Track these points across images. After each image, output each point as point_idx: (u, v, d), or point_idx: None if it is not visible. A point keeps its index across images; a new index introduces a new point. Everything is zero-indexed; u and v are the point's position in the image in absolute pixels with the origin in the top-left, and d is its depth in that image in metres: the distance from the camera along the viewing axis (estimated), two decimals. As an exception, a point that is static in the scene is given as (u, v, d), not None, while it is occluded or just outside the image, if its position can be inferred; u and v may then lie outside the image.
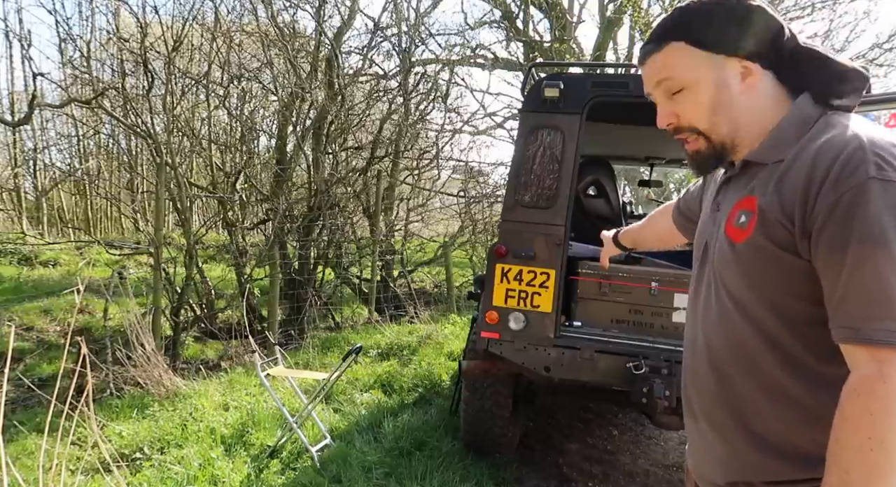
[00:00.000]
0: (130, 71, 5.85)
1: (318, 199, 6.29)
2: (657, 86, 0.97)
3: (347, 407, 3.95)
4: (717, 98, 0.92)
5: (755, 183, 0.92)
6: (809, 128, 0.89)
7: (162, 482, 2.83)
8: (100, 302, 5.89)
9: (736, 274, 0.92)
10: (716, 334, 0.97)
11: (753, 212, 0.89)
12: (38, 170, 11.46)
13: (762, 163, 0.92)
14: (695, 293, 1.05)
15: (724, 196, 1.01)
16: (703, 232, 1.06)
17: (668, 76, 0.95)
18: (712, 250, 0.99)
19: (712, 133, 0.94)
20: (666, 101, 0.97)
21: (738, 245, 0.90)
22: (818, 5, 8.86)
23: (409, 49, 7.27)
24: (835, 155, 0.80)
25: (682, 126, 0.97)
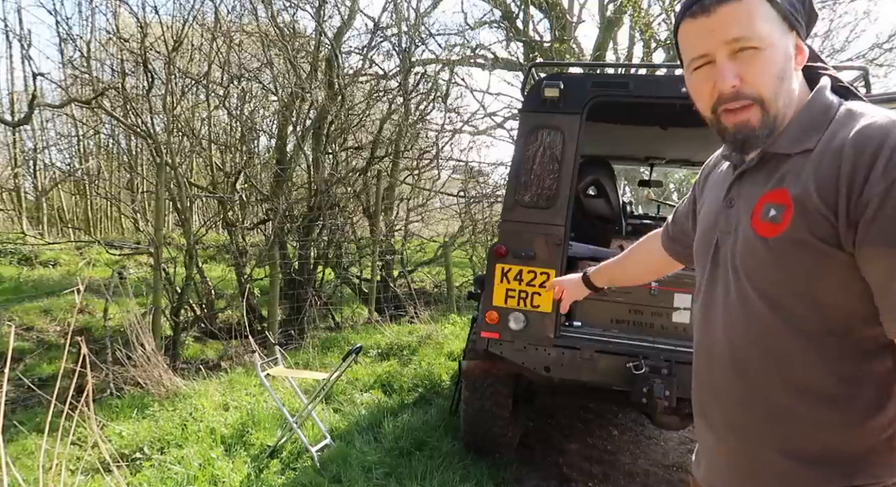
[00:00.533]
0: (130, 71, 5.85)
1: (318, 199, 6.29)
2: (725, 42, 0.84)
3: (347, 407, 3.95)
4: (785, 67, 0.86)
5: (783, 174, 0.86)
6: (833, 116, 0.86)
7: (162, 482, 2.82)
8: (100, 302, 5.89)
9: (770, 272, 0.85)
10: (742, 338, 0.90)
11: (786, 204, 0.83)
12: (38, 170, 11.47)
13: (785, 155, 0.87)
14: (707, 298, 0.98)
15: (740, 191, 0.94)
16: (710, 232, 1.00)
17: (745, 30, 0.83)
18: (728, 249, 0.93)
19: (772, 105, 0.86)
20: (728, 60, 0.85)
21: (770, 240, 0.84)
22: (818, 5, 8.84)
23: (409, 49, 7.27)
24: (880, 141, 0.76)
25: (744, 91, 0.85)
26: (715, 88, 0.87)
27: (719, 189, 1.01)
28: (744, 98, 0.85)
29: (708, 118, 0.93)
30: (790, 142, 0.87)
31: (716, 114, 0.90)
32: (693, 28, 0.88)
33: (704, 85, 0.89)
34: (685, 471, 3.41)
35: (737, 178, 0.95)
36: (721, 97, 0.87)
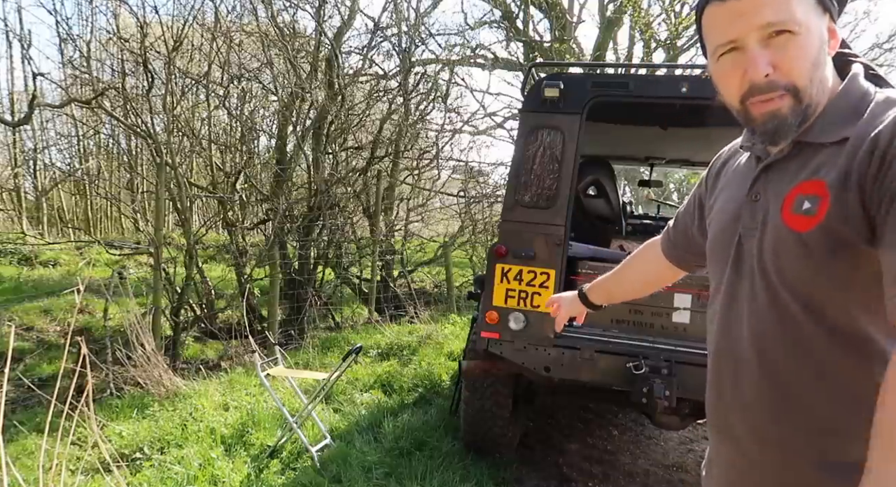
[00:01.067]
0: (130, 71, 5.85)
1: (318, 199, 6.29)
2: (758, 27, 0.78)
3: (347, 407, 3.95)
4: (820, 53, 0.80)
5: (818, 165, 0.80)
6: (869, 103, 0.80)
7: (162, 482, 2.82)
8: (100, 302, 5.89)
9: (804, 270, 0.79)
10: (774, 344, 0.84)
11: (822, 195, 0.77)
12: (38, 170, 11.47)
13: (819, 144, 0.82)
14: (728, 300, 0.91)
15: (767, 184, 0.88)
16: (730, 229, 0.93)
17: (781, 13, 0.77)
18: (754, 246, 0.86)
19: (806, 93, 0.80)
20: (760, 47, 0.79)
21: (804, 234, 0.78)
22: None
23: (409, 49, 7.27)
24: None
25: (777, 81, 0.79)
26: (745, 77, 0.81)
27: (740, 182, 0.95)
28: (777, 88, 0.79)
29: (735, 108, 0.87)
30: (825, 131, 0.82)
31: (744, 105, 0.84)
32: (721, 12, 0.81)
33: (733, 74, 0.82)
34: (685, 471, 3.41)
35: (763, 170, 0.89)
36: (753, 87, 0.81)
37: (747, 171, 0.94)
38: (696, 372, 2.44)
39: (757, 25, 0.78)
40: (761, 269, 0.85)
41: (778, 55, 0.78)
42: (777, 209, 0.83)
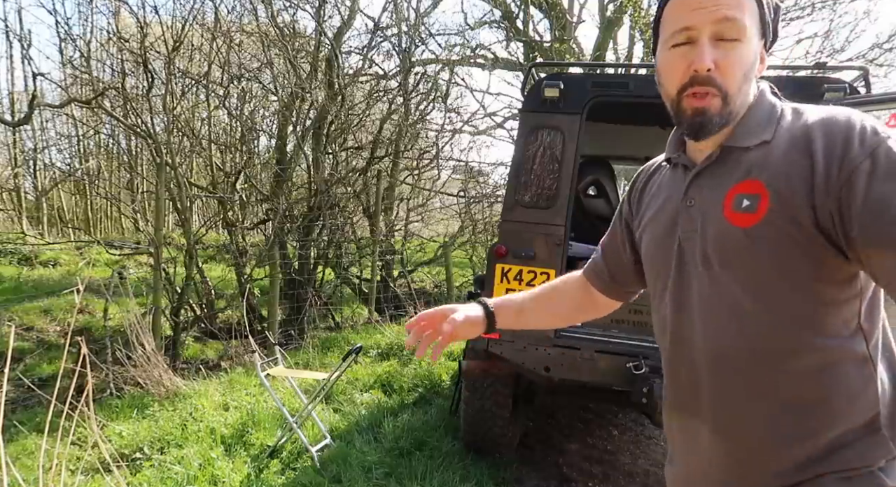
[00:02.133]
0: (130, 71, 5.85)
1: (318, 199, 6.30)
2: (714, 20, 0.84)
3: (347, 407, 3.95)
4: (752, 68, 0.88)
5: (748, 167, 0.87)
6: (780, 112, 0.90)
7: (162, 482, 2.83)
8: (100, 302, 5.89)
9: (752, 260, 0.84)
10: (726, 333, 0.88)
11: (760, 193, 0.83)
12: (38, 170, 11.47)
13: (744, 148, 0.88)
14: (676, 304, 0.95)
15: (700, 188, 0.92)
16: (668, 237, 0.97)
17: (735, 13, 0.84)
18: (696, 248, 0.91)
19: (733, 100, 0.87)
20: (709, 45, 0.85)
21: (748, 229, 0.84)
22: (818, 5, 8.86)
23: (409, 49, 7.27)
24: (848, 119, 0.80)
25: (715, 79, 0.85)
26: (689, 69, 0.86)
27: (671, 192, 0.99)
28: (712, 85, 0.86)
29: (670, 99, 0.92)
30: (746, 136, 0.89)
31: (679, 96, 0.89)
32: (686, 2, 0.87)
33: (679, 63, 0.88)
34: None
35: (695, 177, 0.94)
36: (694, 78, 0.86)
37: (676, 181, 0.99)
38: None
39: (714, 18, 0.84)
40: (706, 267, 0.89)
41: (721, 56, 0.85)
42: (718, 209, 0.88)
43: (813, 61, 8.09)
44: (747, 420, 0.88)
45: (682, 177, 0.97)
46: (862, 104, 2.29)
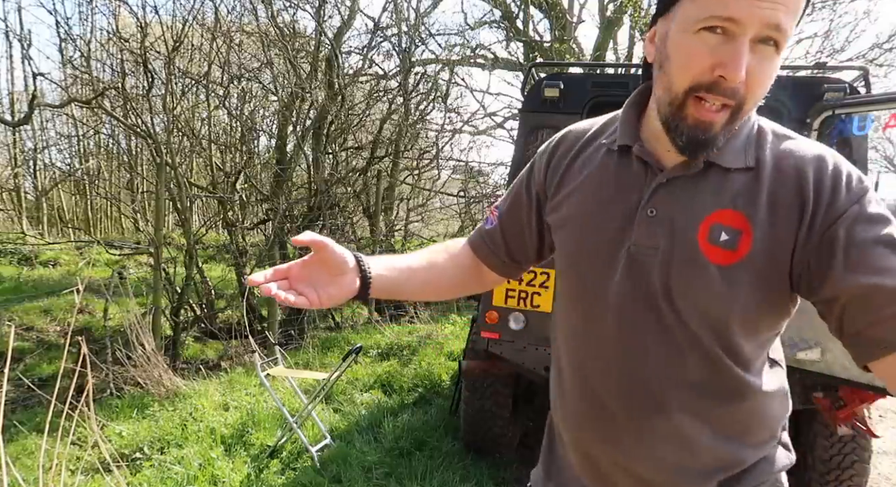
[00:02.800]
0: (130, 71, 5.85)
1: (318, 199, 6.30)
2: (765, 23, 0.67)
3: (347, 407, 3.95)
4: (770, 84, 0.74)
5: (732, 193, 0.77)
6: (753, 128, 0.80)
7: (162, 482, 2.83)
8: (100, 302, 5.89)
9: (720, 302, 0.76)
10: (662, 364, 0.80)
11: (743, 229, 0.75)
12: (38, 170, 11.47)
13: (726, 169, 0.78)
14: (618, 318, 0.82)
15: (670, 200, 0.80)
16: (610, 238, 0.83)
17: (786, 22, 0.68)
18: (654, 269, 0.79)
19: (741, 117, 0.74)
20: (749, 49, 0.69)
21: (724, 268, 0.75)
22: (818, 5, 8.86)
23: (409, 49, 7.28)
24: (835, 168, 0.74)
25: (738, 90, 0.70)
26: (714, 69, 0.70)
27: (619, 187, 0.84)
28: (732, 98, 0.71)
29: (673, 93, 0.74)
30: (733, 155, 0.78)
31: (686, 96, 0.73)
32: None
33: (705, 56, 0.70)
34: None
35: (664, 185, 0.80)
36: (717, 84, 0.70)
37: (628, 176, 0.84)
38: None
39: (767, 20, 0.67)
40: (665, 295, 0.78)
41: (756, 65, 0.69)
42: (692, 234, 0.77)
43: (813, 61, 8.10)
44: (668, 454, 0.83)
45: (639, 175, 0.83)
46: (862, 104, 2.29)
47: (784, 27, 0.68)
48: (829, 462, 2.61)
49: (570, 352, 0.90)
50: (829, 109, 2.35)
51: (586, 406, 0.87)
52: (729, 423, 0.83)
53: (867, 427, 2.42)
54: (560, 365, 0.93)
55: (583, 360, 0.88)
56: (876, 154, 20.77)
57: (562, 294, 0.92)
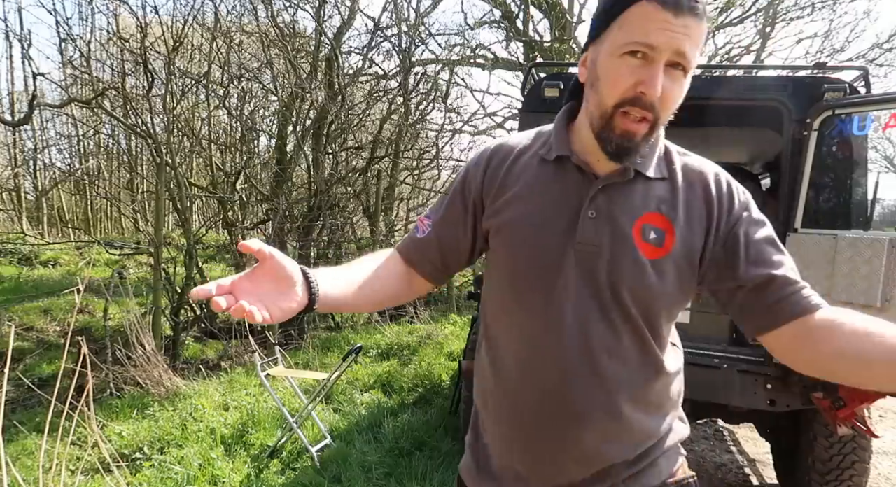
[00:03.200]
0: (130, 71, 5.85)
1: (318, 199, 6.30)
2: (675, 51, 0.82)
3: (347, 407, 3.95)
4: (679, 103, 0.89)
5: (657, 200, 0.92)
6: (663, 148, 0.96)
7: (162, 482, 2.83)
8: (100, 302, 5.89)
9: (651, 292, 0.89)
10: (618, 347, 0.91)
11: (666, 229, 0.90)
12: (38, 170, 11.48)
13: (647, 177, 0.92)
14: (547, 313, 0.92)
15: (609, 203, 0.91)
16: (555, 241, 0.92)
17: (691, 52, 0.83)
18: (601, 266, 0.90)
19: (657, 130, 0.88)
20: (662, 70, 0.83)
21: (655, 262, 0.89)
22: (818, 5, 8.86)
23: (409, 49, 7.27)
24: (728, 179, 0.95)
25: (655, 105, 0.84)
26: (636, 87, 0.83)
27: (559, 193, 0.94)
28: (651, 112, 0.84)
29: (603, 109, 0.86)
30: (652, 166, 0.93)
31: (615, 110, 0.85)
32: (654, 16, 0.81)
33: (629, 76, 0.83)
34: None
35: (601, 190, 0.92)
36: (639, 98, 0.83)
37: (566, 182, 0.94)
38: (696, 372, 2.44)
39: (676, 49, 0.82)
40: (612, 289, 0.90)
41: (668, 85, 0.83)
42: (628, 231, 0.90)
43: (813, 61, 8.10)
44: (605, 429, 0.93)
45: (577, 181, 0.93)
46: (862, 104, 2.29)
47: (689, 56, 0.83)
48: (829, 462, 2.61)
49: (515, 343, 0.97)
50: (829, 109, 2.35)
51: (532, 393, 0.95)
52: (649, 399, 0.96)
53: (867, 428, 2.42)
54: (497, 358, 1.00)
55: (531, 349, 0.95)
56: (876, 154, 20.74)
57: (502, 292, 0.99)
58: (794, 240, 2.40)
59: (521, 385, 0.96)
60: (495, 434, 1.02)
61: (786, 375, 2.44)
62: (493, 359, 1.01)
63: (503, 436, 1.00)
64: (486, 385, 1.03)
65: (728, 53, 10.29)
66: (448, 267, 1.08)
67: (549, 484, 0.97)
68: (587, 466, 0.95)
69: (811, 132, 2.38)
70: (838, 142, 2.40)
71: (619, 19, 0.85)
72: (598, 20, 0.90)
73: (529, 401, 0.95)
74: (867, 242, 2.13)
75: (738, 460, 3.69)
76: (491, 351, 1.02)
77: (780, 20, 9.57)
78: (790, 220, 2.42)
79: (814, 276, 2.31)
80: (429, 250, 1.06)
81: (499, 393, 1.00)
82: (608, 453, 0.94)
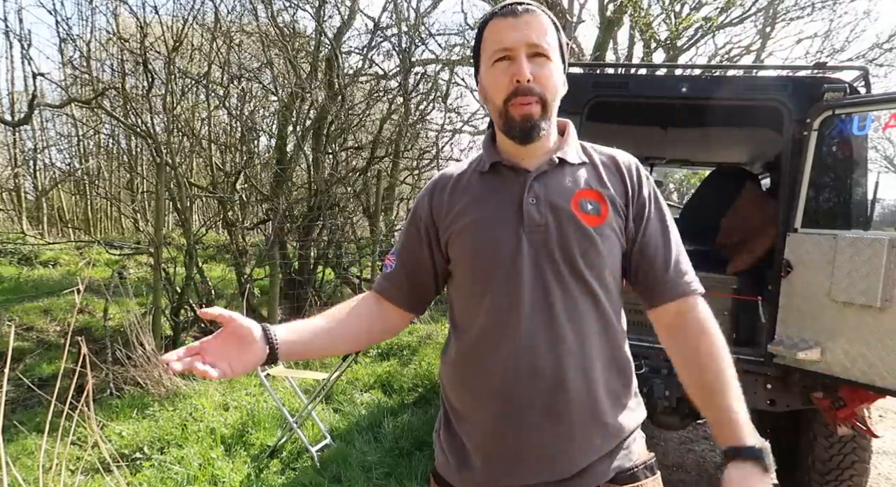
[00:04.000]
0: (130, 71, 5.85)
1: (318, 199, 6.29)
2: (527, 44, 1.00)
3: (347, 407, 3.95)
4: (560, 83, 1.05)
5: (585, 178, 1.07)
6: (578, 143, 1.13)
7: (162, 482, 2.83)
8: (100, 303, 5.89)
9: (597, 255, 1.02)
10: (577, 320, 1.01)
11: (600, 201, 1.05)
12: (38, 170, 11.46)
13: (571, 163, 1.08)
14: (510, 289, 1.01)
15: (544, 189, 1.05)
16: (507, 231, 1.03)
17: (541, 39, 1.01)
18: (551, 240, 1.02)
19: (550, 107, 1.03)
20: (525, 60, 1.00)
21: (595, 228, 1.02)
22: (818, 5, 8.86)
23: (409, 49, 7.27)
24: (636, 162, 1.13)
25: (534, 88, 1.00)
26: (512, 81, 1.00)
27: (499, 193, 1.07)
28: (532, 94, 1.00)
29: (498, 109, 1.04)
30: (573, 154, 1.09)
31: (506, 106, 1.02)
32: (502, 26, 1.02)
33: (503, 77, 1.01)
34: (685, 471, 3.41)
35: (534, 180, 1.05)
36: (517, 89, 1.00)
37: (503, 182, 1.08)
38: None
39: (526, 42, 1.00)
40: (565, 258, 1.02)
41: (537, 70, 1.00)
42: (567, 206, 1.03)
43: (813, 61, 8.10)
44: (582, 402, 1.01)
45: (512, 179, 1.07)
46: (862, 104, 2.29)
47: (540, 43, 1.01)
48: (829, 462, 2.61)
49: (483, 324, 1.05)
50: (829, 109, 2.35)
51: (505, 363, 1.02)
52: (616, 370, 1.07)
53: (867, 428, 2.42)
54: (466, 346, 1.08)
55: (497, 327, 1.03)
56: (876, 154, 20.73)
57: (468, 286, 1.09)
58: (794, 240, 2.40)
59: (492, 359, 1.03)
60: (475, 423, 1.07)
61: (786, 375, 2.44)
62: (463, 349, 1.09)
63: (485, 421, 1.05)
64: (461, 373, 1.10)
65: (728, 53, 10.29)
66: (416, 291, 1.17)
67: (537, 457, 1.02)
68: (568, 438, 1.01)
69: (811, 132, 2.38)
70: (838, 142, 2.39)
71: (482, 44, 1.07)
72: (473, 54, 1.12)
73: (504, 374, 1.02)
74: (867, 242, 2.13)
75: (738, 460, 3.68)
76: (460, 343, 1.10)
77: (780, 20, 9.57)
78: (790, 220, 2.42)
79: (814, 276, 2.31)
80: (397, 278, 1.17)
81: (473, 375, 1.06)
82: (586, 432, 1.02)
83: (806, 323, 2.34)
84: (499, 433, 1.03)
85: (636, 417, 1.11)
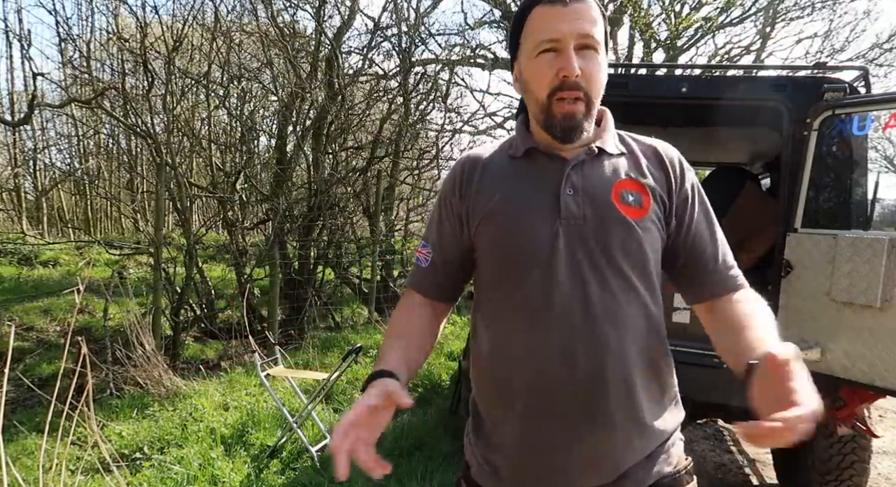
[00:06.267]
0: (130, 71, 5.85)
1: (318, 199, 6.29)
2: (577, 34, 0.93)
3: (347, 407, 3.94)
4: (605, 79, 0.99)
5: (625, 169, 1.01)
6: (615, 132, 1.06)
7: (162, 482, 2.83)
8: (100, 303, 5.89)
9: (639, 249, 0.97)
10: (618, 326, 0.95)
11: (642, 192, 0.99)
12: (38, 170, 11.46)
13: (609, 153, 1.02)
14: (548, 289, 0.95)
15: (584, 180, 0.98)
16: (540, 222, 0.97)
17: (592, 30, 0.94)
18: (589, 232, 0.95)
19: (594, 104, 0.98)
20: (573, 53, 0.93)
21: (637, 221, 0.97)
22: (818, 5, 8.86)
23: (409, 49, 7.26)
24: (676, 152, 1.07)
25: (580, 83, 0.94)
26: (559, 74, 0.94)
27: (536, 179, 1.01)
28: (580, 88, 0.94)
29: (540, 103, 0.97)
30: (611, 143, 1.03)
31: (550, 100, 0.96)
32: (549, 14, 0.94)
33: (549, 69, 0.95)
34: (685, 471, 3.40)
35: (573, 169, 1.00)
36: (564, 83, 0.94)
37: (537, 171, 1.02)
38: (696, 372, 2.44)
39: (577, 33, 0.93)
40: (604, 252, 0.96)
41: (584, 64, 0.94)
42: (608, 200, 0.98)
43: (813, 61, 8.10)
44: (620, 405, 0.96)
45: (548, 166, 1.01)
46: (862, 104, 2.29)
47: (591, 33, 0.94)
48: (829, 462, 2.61)
49: (517, 323, 0.99)
50: (829, 109, 2.35)
51: (546, 376, 0.96)
52: (657, 369, 1.01)
53: (867, 428, 2.42)
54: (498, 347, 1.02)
55: (533, 325, 0.96)
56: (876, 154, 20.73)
57: (497, 279, 1.03)
58: (794, 240, 2.40)
59: (527, 362, 0.97)
60: (508, 428, 1.01)
61: (786, 375, 2.44)
62: (493, 350, 1.03)
63: (519, 426, 0.99)
64: (491, 374, 1.04)
65: (728, 53, 10.29)
66: (457, 284, 1.15)
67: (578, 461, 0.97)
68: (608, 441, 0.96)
69: (811, 132, 2.38)
70: (838, 142, 2.39)
71: (524, 31, 0.99)
72: (511, 40, 1.04)
73: (538, 376, 0.96)
74: (867, 242, 2.13)
75: (738, 460, 3.69)
76: (489, 343, 1.03)
77: (780, 20, 9.57)
78: (790, 220, 2.42)
79: (814, 276, 2.31)
80: (436, 274, 1.13)
81: (505, 377, 1.01)
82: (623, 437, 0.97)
83: (806, 323, 2.34)
84: (534, 437, 0.98)
85: (675, 419, 1.05)
